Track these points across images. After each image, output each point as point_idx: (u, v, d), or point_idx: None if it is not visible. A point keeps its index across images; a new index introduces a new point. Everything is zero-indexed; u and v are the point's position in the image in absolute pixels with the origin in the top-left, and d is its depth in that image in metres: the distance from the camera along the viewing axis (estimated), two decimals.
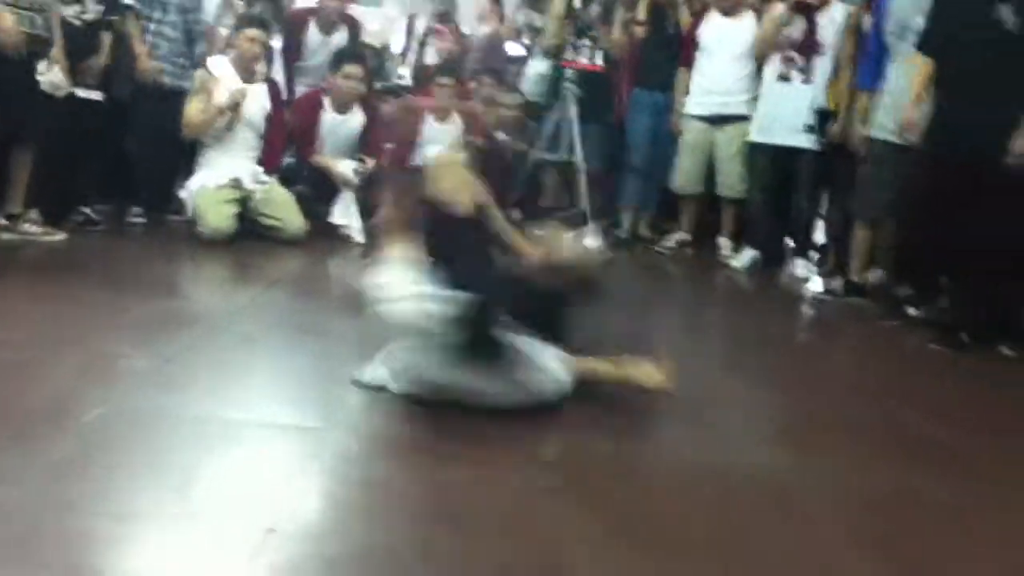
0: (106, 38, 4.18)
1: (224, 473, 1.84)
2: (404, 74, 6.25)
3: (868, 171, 4.01)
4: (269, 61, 4.86)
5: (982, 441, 2.40)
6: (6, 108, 3.51)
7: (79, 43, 3.96)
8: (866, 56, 4.08)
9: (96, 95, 4.14)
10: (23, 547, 1.45)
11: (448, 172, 2.58)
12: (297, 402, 2.22)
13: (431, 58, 5.93)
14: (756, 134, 4.74)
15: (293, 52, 5.11)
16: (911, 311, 3.70)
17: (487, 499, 1.75)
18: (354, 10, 5.40)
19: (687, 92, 5.01)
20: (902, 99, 3.67)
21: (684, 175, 5.03)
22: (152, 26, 4.44)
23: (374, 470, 1.87)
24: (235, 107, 4.28)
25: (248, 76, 4.41)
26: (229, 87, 4.29)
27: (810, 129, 4.55)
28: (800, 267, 4.65)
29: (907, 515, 1.88)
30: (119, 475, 1.75)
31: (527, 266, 2.47)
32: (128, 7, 4.33)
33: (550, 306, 2.41)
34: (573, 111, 5.15)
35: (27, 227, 3.77)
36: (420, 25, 6.44)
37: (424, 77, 5.88)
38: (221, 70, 4.36)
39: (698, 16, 5.06)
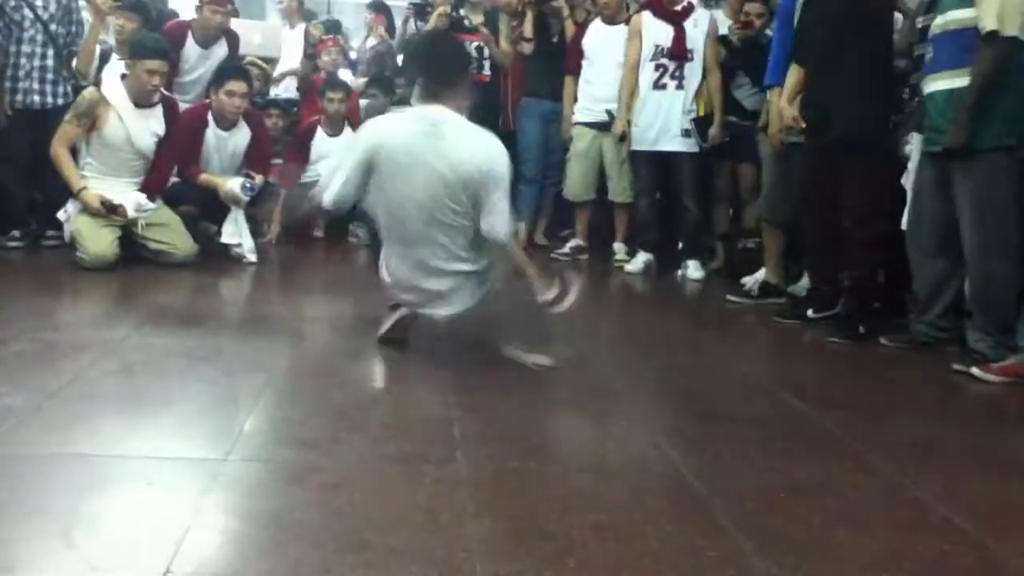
0: None
1: (113, 514, 1.74)
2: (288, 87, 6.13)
3: (774, 173, 4.11)
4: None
5: (867, 427, 2.51)
6: None
7: None
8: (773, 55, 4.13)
9: None
10: None
11: None
12: (190, 433, 2.13)
13: (318, 71, 5.85)
14: (635, 142, 4.83)
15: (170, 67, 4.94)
16: (811, 313, 3.75)
17: (390, 524, 1.72)
18: (236, 24, 5.25)
19: (575, 100, 5.09)
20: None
21: (576, 182, 5.11)
22: (12, 47, 4.24)
23: (276, 502, 1.81)
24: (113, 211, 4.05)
25: (143, 103, 4.20)
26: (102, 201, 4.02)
27: (686, 133, 4.70)
28: (692, 268, 4.74)
29: (800, 506, 1.94)
30: None
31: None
32: None
33: None
34: None
35: None
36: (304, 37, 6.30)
37: (311, 90, 5.79)
38: (114, 94, 4.13)
39: (582, 25, 5.15)
